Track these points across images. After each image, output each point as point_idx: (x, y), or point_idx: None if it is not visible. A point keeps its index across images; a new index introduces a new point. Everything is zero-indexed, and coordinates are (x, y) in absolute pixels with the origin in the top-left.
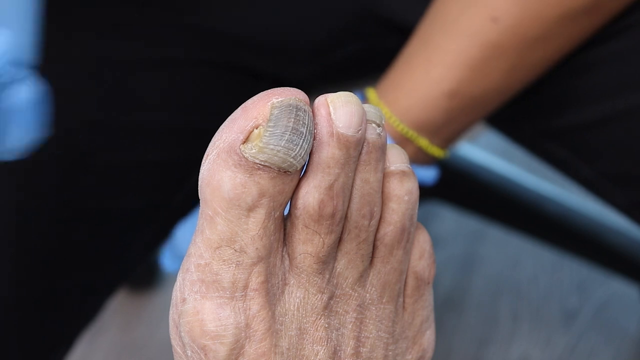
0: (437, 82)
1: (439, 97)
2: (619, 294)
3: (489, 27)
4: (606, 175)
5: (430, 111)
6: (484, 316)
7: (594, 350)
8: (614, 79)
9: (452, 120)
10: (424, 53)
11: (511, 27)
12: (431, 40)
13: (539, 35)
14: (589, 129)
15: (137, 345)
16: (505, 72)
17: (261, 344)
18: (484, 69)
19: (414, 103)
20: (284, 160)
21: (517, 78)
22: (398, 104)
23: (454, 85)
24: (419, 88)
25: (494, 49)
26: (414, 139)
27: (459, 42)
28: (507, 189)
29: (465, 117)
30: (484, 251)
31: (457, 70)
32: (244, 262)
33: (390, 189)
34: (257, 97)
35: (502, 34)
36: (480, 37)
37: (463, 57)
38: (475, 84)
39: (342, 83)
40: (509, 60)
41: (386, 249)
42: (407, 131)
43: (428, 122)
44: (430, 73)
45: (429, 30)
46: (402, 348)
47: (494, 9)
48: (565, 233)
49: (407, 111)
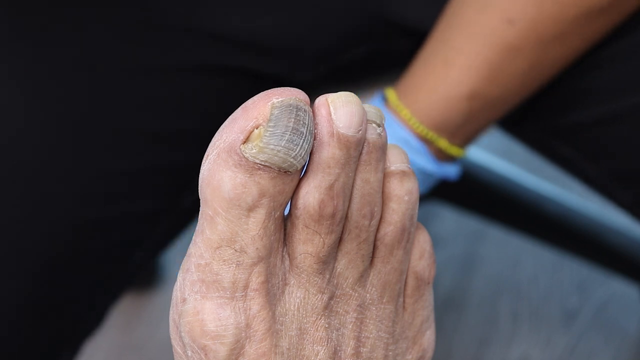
0: (456, 84)
1: (458, 98)
2: (619, 294)
3: (505, 29)
4: (611, 173)
5: (450, 113)
6: (484, 316)
7: (594, 350)
8: (621, 77)
9: (471, 121)
10: (442, 55)
11: (527, 29)
12: (448, 41)
13: (555, 36)
14: (595, 127)
15: (137, 345)
16: (523, 72)
17: (261, 344)
18: (502, 71)
19: (433, 105)
20: (284, 160)
21: (534, 78)
22: (417, 106)
23: (472, 87)
24: (438, 90)
25: (511, 51)
26: (434, 140)
27: (476, 44)
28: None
29: (483, 118)
30: (484, 251)
31: (475, 72)
32: (244, 262)
33: (391, 189)
34: (258, 97)
35: (519, 36)
36: (496, 39)
37: (481, 59)
38: (494, 85)
39: (348, 85)
40: (527, 61)
41: (386, 249)
42: (427, 132)
43: (447, 124)
44: (448, 75)
45: (446, 32)
46: (402, 348)
47: (509, 11)
48: (565, 233)
49: (426, 113)
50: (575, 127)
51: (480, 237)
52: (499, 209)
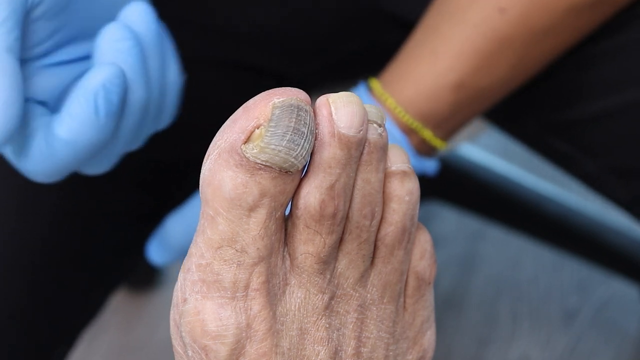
0: (443, 74)
1: (446, 88)
2: (619, 294)
3: (496, 18)
4: (610, 170)
5: (436, 103)
6: (484, 316)
7: (594, 350)
8: (618, 72)
9: (457, 112)
10: (431, 43)
11: (519, 18)
12: (438, 30)
13: (546, 27)
14: (593, 123)
15: (137, 345)
16: (512, 64)
17: (262, 344)
18: (491, 61)
19: (419, 94)
20: (285, 160)
21: (523, 70)
22: (403, 95)
23: (460, 77)
24: (425, 79)
25: (501, 41)
26: (419, 130)
27: (466, 32)
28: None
29: (470, 109)
30: (484, 251)
31: (464, 62)
32: (245, 262)
33: (391, 189)
34: (258, 97)
35: (510, 25)
36: (487, 28)
37: (470, 48)
38: (482, 76)
39: (346, 79)
40: (517, 52)
41: (387, 249)
42: (412, 122)
43: (434, 114)
44: (436, 64)
45: (436, 20)
46: (403, 348)
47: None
48: (565, 233)
49: (412, 102)
50: (572, 123)
51: (480, 237)
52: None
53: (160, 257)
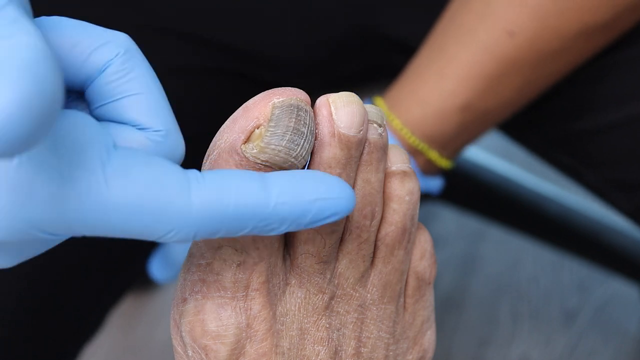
0: (450, 95)
1: (452, 110)
2: (619, 294)
3: (505, 41)
4: (611, 182)
5: (443, 124)
6: (484, 316)
7: (594, 350)
8: (621, 86)
9: (462, 132)
10: (437, 63)
11: (528, 42)
12: (444, 50)
13: (555, 51)
14: (596, 136)
15: (137, 345)
16: (519, 86)
17: (262, 344)
18: (499, 84)
19: (426, 116)
20: (285, 160)
21: (529, 91)
22: (409, 116)
23: (467, 99)
24: (432, 100)
25: (509, 64)
26: (425, 152)
27: (474, 54)
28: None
29: (476, 129)
30: (484, 251)
31: (471, 84)
32: (245, 262)
33: (392, 189)
34: (258, 97)
35: (519, 49)
36: (496, 51)
37: (478, 70)
38: (489, 98)
39: None
40: (524, 75)
41: (387, 249)
42: (418, 143)
43: (440, 135)
44: (443, 86)
45: (443, 40)
46: (403, 348)
47: (510, 22)
48: (565, 233)
49: (419, 123)
50: (577, 136)
51: (480, 237)
52: (499, 209)
53: (163, 274)
